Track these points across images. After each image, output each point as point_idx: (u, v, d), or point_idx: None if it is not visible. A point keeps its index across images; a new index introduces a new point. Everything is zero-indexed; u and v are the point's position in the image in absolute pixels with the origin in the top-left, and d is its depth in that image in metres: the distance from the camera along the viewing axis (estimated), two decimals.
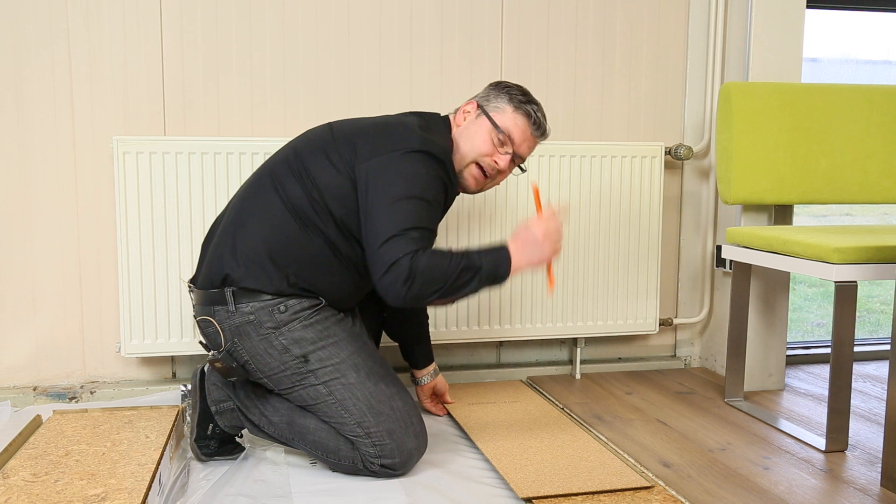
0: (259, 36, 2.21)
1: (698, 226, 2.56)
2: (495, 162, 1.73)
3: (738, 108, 2.22)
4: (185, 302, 2.11)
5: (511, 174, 1.86)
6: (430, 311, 2.29)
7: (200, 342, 1.76)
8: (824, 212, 4.49)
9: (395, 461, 1.65)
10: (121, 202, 2.05)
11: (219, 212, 2.08)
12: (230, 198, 1.83)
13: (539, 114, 1.75)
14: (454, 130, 1.76)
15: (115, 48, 2.13)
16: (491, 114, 1.72)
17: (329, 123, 1.77)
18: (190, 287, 1.76)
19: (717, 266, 2.51)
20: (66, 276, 2.17)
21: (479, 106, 1.75)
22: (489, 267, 1.59)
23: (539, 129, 1.76)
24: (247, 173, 2.11)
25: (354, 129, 1.70)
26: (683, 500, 1.57)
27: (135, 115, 2.16)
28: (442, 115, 1.82)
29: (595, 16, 2.43)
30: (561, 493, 1.58)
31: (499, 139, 1.72)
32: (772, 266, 2.00)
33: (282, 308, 1.63)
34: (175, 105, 2.18)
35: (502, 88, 1.76)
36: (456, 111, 1.81)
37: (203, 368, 1.79)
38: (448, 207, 1.75)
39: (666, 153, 2.44)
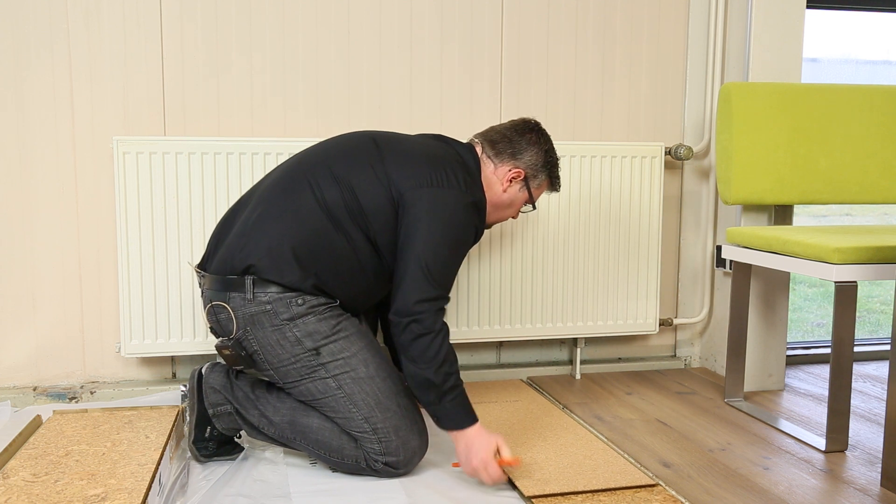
0: (259, 36, 2.21)
1: (698, 226, 2.56)
2: (513, 218, 1.90)
3: (738, 108, 2.22)
4: (185, 302, 2.11)
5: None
6: None
7: (211, 328, 1.74)
8: (824, 212, 4.49)
9: (398, 459, 1.65)
10: (121, 202, 2.05)
11: (219, 211, 2.09)
12: (250, 188, 1.81)
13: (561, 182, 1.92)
14: (491, 183, 1.79)
15: (115, 48, 2.13)
16: (532, 191, 1.82)
17: (371, 136, 1.76)
18: (200, 272, 1.75)
19: (717, 266, 2.51)
20: (66, 276, 2.17)
21: (525, 178, 1.80)
22: (449, 411, 1.62)
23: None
24: (247, 173, 2.11)
25: (404, 152, 1.72)
26: (683, 500, 1.57)
27: (135, 115, 2.16)
28: (464, 142, 1.84)
29: (595, 16, 2.43)
30: (566, 491, 1.58)
31: (526, 208, 1.87)
32: (772, 266, 2.00)
33: (299, 301, 1.64)
34: (175, 105, 2.18)
35: (548, 164, 1.82)
36: (485, 145, 1.80)
37: (201, 370, 1.78)
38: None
39: (666, 153, 2.44)
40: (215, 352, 2.15)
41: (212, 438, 1.76)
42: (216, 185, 2.10)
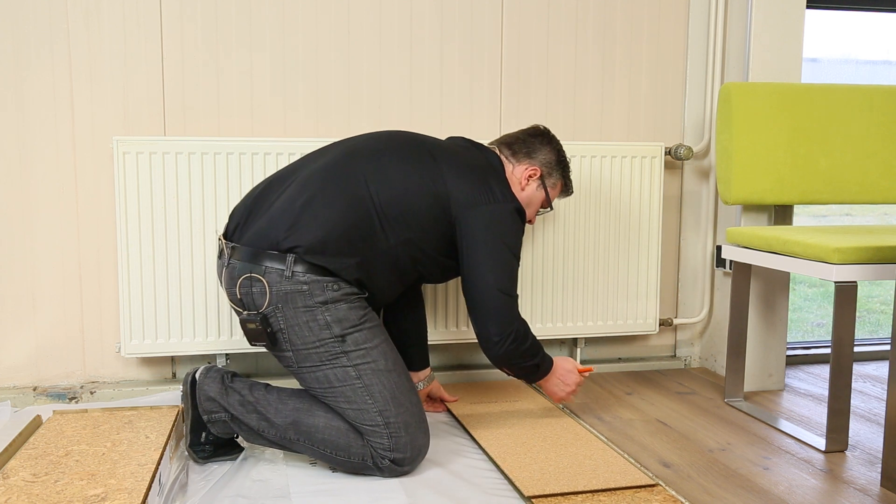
0: (259, 36, 2.21)
1: (698, 226, 2.56)
2: (531, 222, 1.99)
3: (738, 108, 2.22)
4: (185, 302, 2.11)
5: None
6: (429, 310, 2.29)
7: (239, 300, 1.69)
8: (824, 212, 4.49)
9: (405, 456, 1.66)
10: (121, 202, 2.05)
11: (219, 211, 2.09)
12: (289, 166, 1.80)
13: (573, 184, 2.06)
14: (512, 184, 1.91)
15: (115, 48, 2.13)
16: (549, 189, 1.94)
17: (427, 147, 1.80)
18: (227, 242, 1.73)
19: (717, 266, 2.51)
20: (66, 276, 2.17)
21: (541, 177, 1.92)
22: (541, 373, 1.92)
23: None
24: (247, 173, 2.11)
25: (457, 166, 1.79)
26: (683, 500, 1.57)
27: (135, 115, 2.16)
28: (486, 144, 1.95)
29: (595, 16, 2.43)
30: (566, 491, 1.58)
31: (544, 208, 1.98)
32: (772, 266, 2.00)
33: (335, 287, 1.66)
34: (175, 105, 2.18)
35: (561, 164, 1.95)
36: (502, 147, 1.93)
37: (194, 375, 1.77)
38: None
39: (666, 153, 2.44)
40: (215, 352, 2.16)
41: (208, 442, 1.75)
42: (216, 185, 2.10)
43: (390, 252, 1.73)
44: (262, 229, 1.69)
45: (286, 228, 1.66)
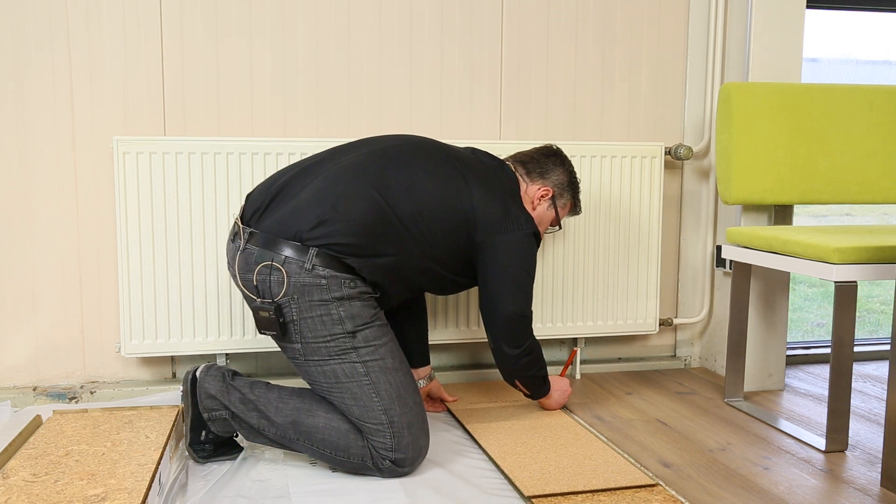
0: (259, 35, 2.21)
1: (698, 226, 2.56)
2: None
3: (738, 108, 2.22)
4: (185, 302, 2.11)
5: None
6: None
7: (254, 287, 1.67)
8: (824, 212, 4.49)
9: (406, 456, 1.66)
10: (121, 202, 2.05)
11: (219, 211, 2.09)
12: (314, 158, 1.79)
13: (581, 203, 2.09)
14: (524, 202, 1.94)
15: (115, 48, 2.13)
16: (559, 209, 1.98)
17: (456, 164, 1.81)
18: (247, 228, 1.70)
19: (717, 266, 2.51)
20: (66, 276, 2.17)
21: (552, 197, 1.96)
22: (547, 386, 2.03)
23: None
24: (247, 173, 2.11)
25: (484, 185, 1.81)
26: (683, 500, 1.57)
27: (135, 115, 2.16)
28: (503, 159, 1.98)
29: (595, 16, 2.43)
30: (566, 491, 1.58)
31: (553, 227, 2.03)
32: (772, 266, 2.00)
33: (352, 284, 1.67)
34: (175, 105, 2.18)
35: (572, 185, 1.99)
36: (517, 165, 1.96)
37: (195, 373, 1.77)
38: None
39: (666, 153, 2.44)
40: (215, 352, 2.16)
41: (208, 441, 1.75)
42: (216, 185, 2.10)
43: (410, 261, 1.74)
44: (285, 219, 1.68)
45: (313, 222, 1.66)
